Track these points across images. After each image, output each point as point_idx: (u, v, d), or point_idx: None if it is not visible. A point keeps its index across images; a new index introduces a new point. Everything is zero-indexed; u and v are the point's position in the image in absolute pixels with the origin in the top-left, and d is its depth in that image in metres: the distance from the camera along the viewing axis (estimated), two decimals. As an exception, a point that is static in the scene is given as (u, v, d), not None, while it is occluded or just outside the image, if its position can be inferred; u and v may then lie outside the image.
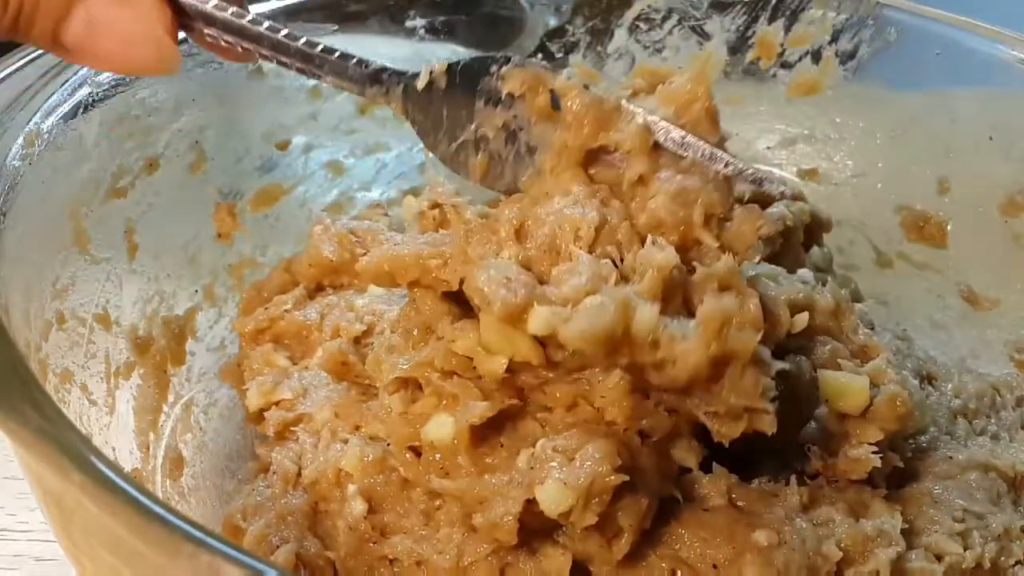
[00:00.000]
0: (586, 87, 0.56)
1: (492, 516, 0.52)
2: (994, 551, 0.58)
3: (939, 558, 0.57)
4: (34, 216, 0.57)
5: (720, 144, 0.56)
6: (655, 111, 0.56)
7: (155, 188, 0.70)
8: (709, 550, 0.53)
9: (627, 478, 0.52)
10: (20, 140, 0.57)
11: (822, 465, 0.59)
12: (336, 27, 0.81)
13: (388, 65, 0.58)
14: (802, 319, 0.58)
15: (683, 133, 0.55)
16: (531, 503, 0.52)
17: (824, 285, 0.66)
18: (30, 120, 0.59)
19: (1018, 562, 0.58)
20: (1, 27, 0.46)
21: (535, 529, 0.54)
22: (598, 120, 0.55)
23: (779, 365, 0.53)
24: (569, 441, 0.53)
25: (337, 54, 0.56)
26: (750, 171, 0.55)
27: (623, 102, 0.56)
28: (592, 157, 0.56)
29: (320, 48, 0.55)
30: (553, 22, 0.86)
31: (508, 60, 0.57)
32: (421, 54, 0.85)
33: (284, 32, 0.55)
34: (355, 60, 0.56)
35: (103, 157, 0.66)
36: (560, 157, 0.56)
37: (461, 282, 0.56)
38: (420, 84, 0.57)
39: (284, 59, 0.55)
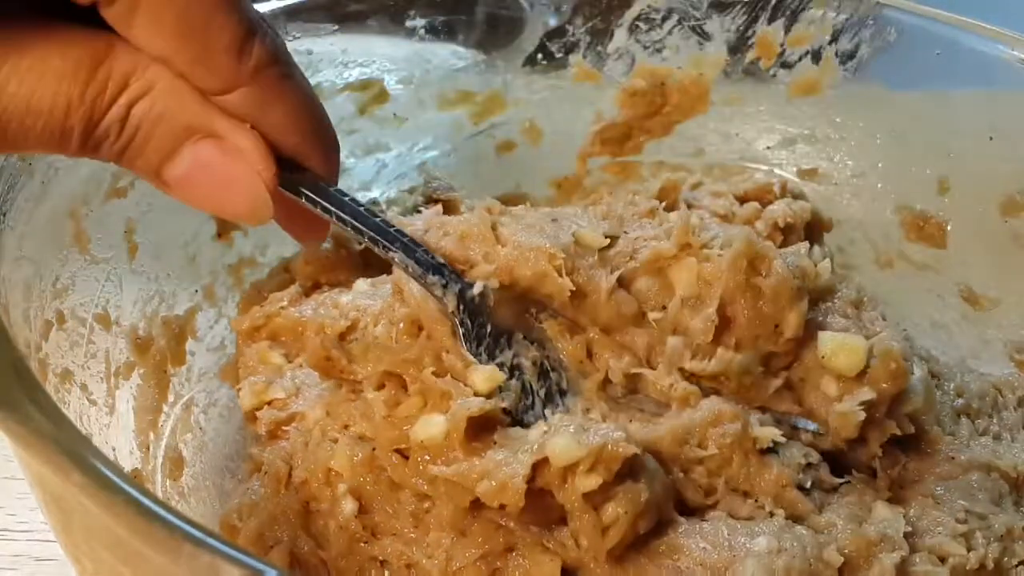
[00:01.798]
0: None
1: (501, 476, 0.52)
2: (997, 552, 0.57)
3: (943, 560, 0.56)
4: (34, 216, 0.57)
5: None
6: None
7: (155, 188, 0.70)
8: (709, 559, 0.53)
9: (637, 451, 0.53)
10: (20, 140, 0.57)
11: (812, 438, 0.60)
12: (336, 27, 0.81)
13: (447, 264, 0.60)
14: (825, 266, 0.62)
15: None
16: (538, 469, 0.52)
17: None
18: (30, 120, 0.59)
19: (1021, 562, 0.58)
20: (110, 153, 0.46)
21: (532, 521, 0.54)
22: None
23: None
24: (587, 422, 0.55)
25: (408, 238, 0.58)
26: None
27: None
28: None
29: (394, 228, 0.57)
30: (553, 22, 0.86)
31: (545, 308, 0.60)
32: (421, 54, 0.85)
33: (364, 207, 0.56)
34: (423, 248, 0.59)
35: (103, 157, 0.66)
36: (592, 402, 0.60)
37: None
38: (474, 292, 0.59)
39: (360, 229, 0.56)
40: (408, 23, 0.84)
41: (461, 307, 0.59)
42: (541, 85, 0.88)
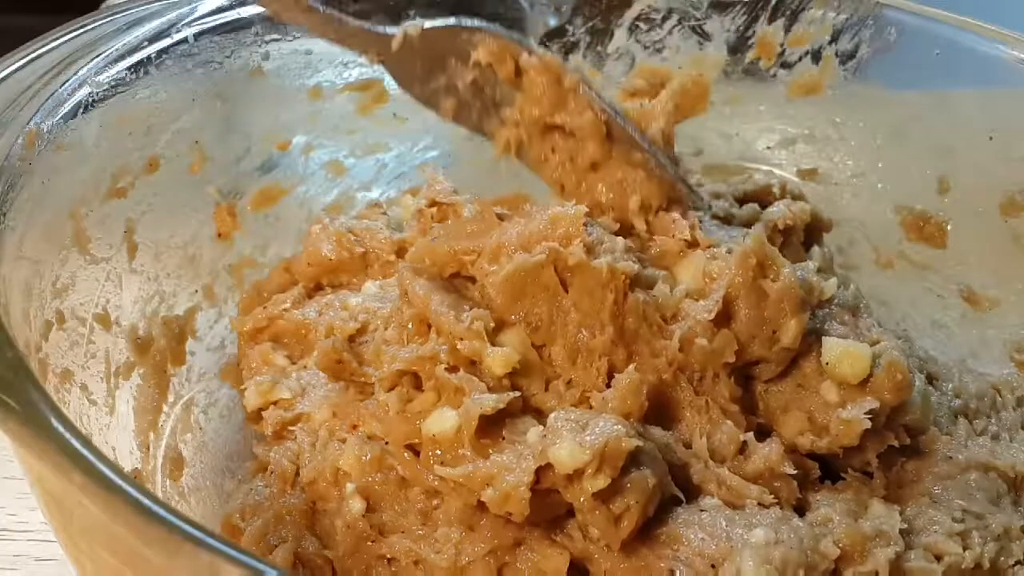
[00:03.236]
0: (546, 61, 0.64)
1: (505, 487, 0.52)
2: (993, 551, 0.58)
3: (938, 558, 0.56)
4: (34, 216, 0.57)
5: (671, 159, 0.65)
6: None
7: (155, 188, 0.70)
8: (707, 550, 0.53)
9: (641, 443, 0.53)
10: (20, 140, 0.57)
11: (811, 442, 0.59)
12: (336, 27, 0.81)
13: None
14: (831, 285, 0.61)
15: (633, 128, 0.62)
16: (542, 473, 0.52)
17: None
18: (30, 120, 0.59)
19: (1018, 562, 0.58)
20: None
21: (538, 521, 0.54)
22: (554, 102, 0.64)
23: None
24: (582, 415, 0.54)
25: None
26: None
27: (580, 87, 0.63)
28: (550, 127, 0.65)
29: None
30: (553, 22, 0.86)
31: (480, 29, 0.63)
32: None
33: None
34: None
35: (103, 157, 0.66)
36: (523, 115, 0.65)
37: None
38: (394, 46, 0.62)
39: None
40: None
41: (385, 57, 0.62)
42: (541, 85, 0.88)
